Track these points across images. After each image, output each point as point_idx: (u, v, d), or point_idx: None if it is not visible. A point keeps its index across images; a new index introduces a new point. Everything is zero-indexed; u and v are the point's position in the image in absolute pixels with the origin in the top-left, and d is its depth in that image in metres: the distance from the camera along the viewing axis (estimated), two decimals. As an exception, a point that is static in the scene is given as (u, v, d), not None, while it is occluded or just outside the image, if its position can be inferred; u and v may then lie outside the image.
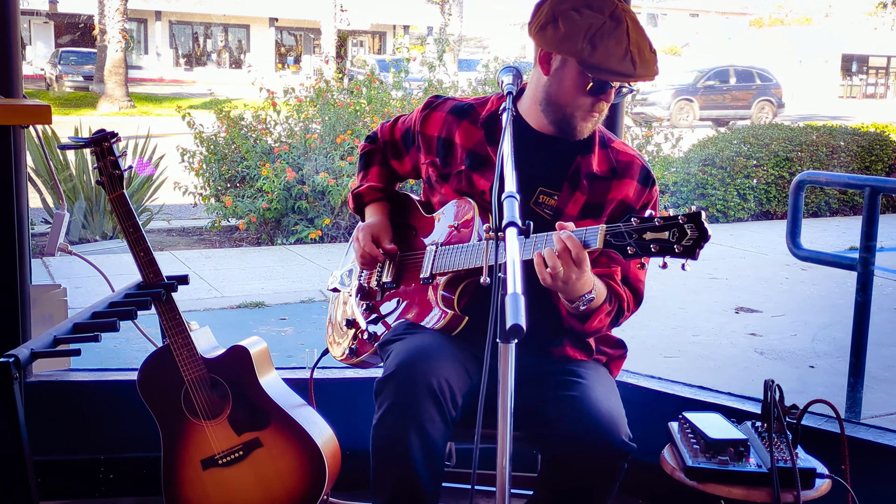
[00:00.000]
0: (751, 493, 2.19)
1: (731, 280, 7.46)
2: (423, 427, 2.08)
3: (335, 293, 2.66)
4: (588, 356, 2.35)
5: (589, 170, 2.28)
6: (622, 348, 2.46)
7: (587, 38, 2.09)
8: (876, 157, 11.39)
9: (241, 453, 2.54)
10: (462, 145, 2.38)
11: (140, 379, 2.54)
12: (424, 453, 2.09)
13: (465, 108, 2.43)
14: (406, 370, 2.11)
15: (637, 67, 2.09)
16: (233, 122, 9.12)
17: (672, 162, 10.22)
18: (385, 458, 2.13)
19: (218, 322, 5.73)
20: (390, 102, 9.27)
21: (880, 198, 3.38)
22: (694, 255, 1.79)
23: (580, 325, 2.21)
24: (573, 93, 2.17)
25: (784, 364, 5.24)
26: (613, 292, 2.23)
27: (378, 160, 2.63)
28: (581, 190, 2.27)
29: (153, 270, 2.48)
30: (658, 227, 1.81)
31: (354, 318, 2.49)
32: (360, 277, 2.55)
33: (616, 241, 1.87)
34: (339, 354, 2.53)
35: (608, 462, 2.07)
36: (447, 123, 2.42)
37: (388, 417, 2.10)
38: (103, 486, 3.05)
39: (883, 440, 2.71)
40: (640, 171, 2.32)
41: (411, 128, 2.52)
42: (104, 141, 2.49)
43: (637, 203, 2.30)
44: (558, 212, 2.27)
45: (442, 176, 2.41)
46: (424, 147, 2.46)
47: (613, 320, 2.25)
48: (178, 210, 9.88)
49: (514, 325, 1.48)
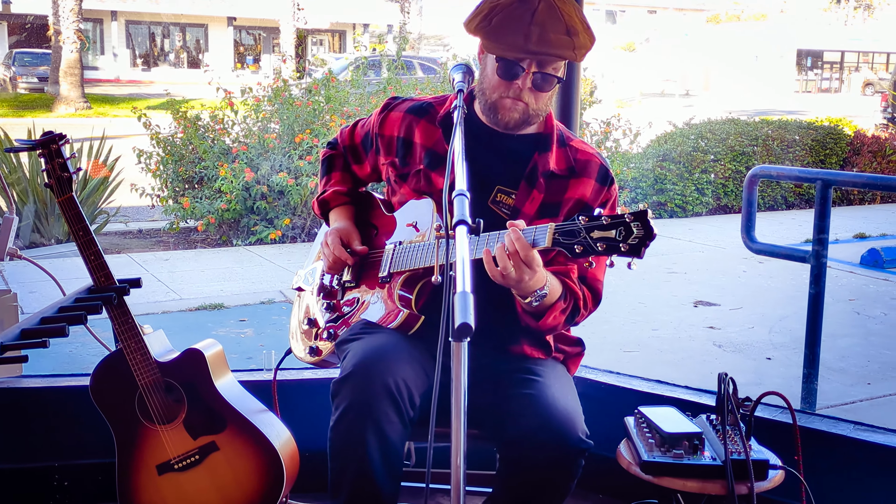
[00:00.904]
0: (705, 485, 2.21)
1: (689, 274, 7.54)
2: (381, 428, 2.07)
3: (300, 292, 2.65)
4: (546, 354, 2.35)
5: (546, 168, 2.28)
6: (580, 346, 2.47)
7: (489, 17, 2.17)
8: (830, 151, 11.56)
9: (197, 457, 2.51)
10: (422, 144, 2.38)
11: (92, 384, 2.50)
12: (382, 454, 2.09)
13: (423, 106, 2.43)
14: (363, 371, 2.10)
15: (531, 43, 2.10)
16: (190, 122, 9.02)
17: (630, 158, 10.30)
18: (342, 459, 2.12)
19: (176, 325, 5.70)
20: (349, 101, 9.24)
21: (832, 191, 3.43)
22: (639, 253, 1.79)
23: (534, 322, 2.21)
24: (491, 77, 2.22)
25: (742, 356, 5.30)
26: (568, 290, 2.23)
27: (339, 165, 2.62)
28: (538, 188, 2.27)
29: (104, 274, 2.44)
30: (605, 225, 1.81)
31: (315, 317, 2.49)
32: (323, 276, 2.54)
33: (565, 240, 1.86)
34: (301, 354, 2.52)
35: (565, 459, 2.07)
36: (406, 123, 2.42)
37: (345, 418, 2.09)
38: (58, 493, 3.00)
39: (836, 430, 2.76)
40: (599, 170, 2.31)
41: (370, 131, 2.52)
42: (52, 143, 2.45)
43: (595, 202, 2.29)
44: (516, 211, 2.27)
45: (401, 176, 2.40)
46: (384, 148, 2.46)
47: (569, 318, 2.25)
48: (136, 212, 9.76)
49: (463, 324, 1.48)
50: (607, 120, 10.54)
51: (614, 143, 10.49)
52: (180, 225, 8.83)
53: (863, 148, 11.86)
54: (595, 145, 10.25)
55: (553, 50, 2.13)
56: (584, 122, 10.36)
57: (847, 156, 11.75)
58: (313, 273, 2.61)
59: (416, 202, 2.35)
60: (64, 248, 8.00)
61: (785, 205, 11.09)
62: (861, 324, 6.05)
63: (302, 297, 2.64)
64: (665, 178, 10.21)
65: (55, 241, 8.35)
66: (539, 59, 2.14)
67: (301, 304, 2.63)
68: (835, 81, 46.40)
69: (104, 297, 2.39)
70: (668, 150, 10.44)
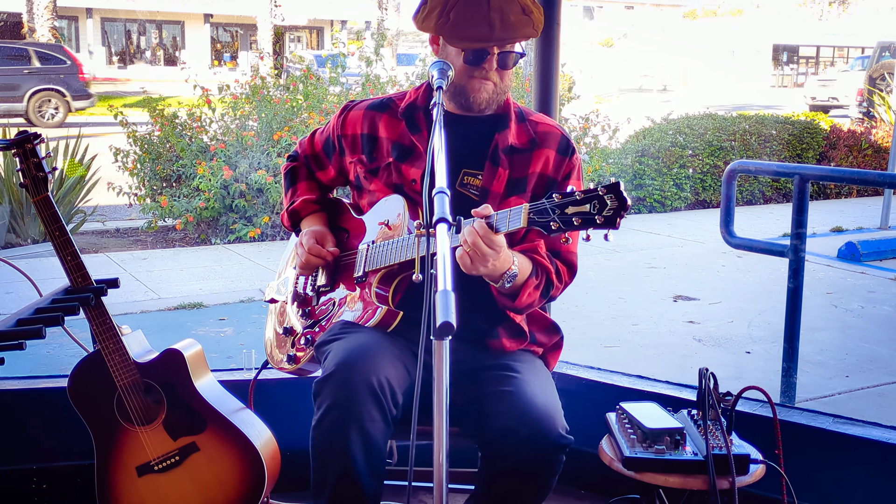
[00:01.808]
0: (687, 480, 2.22)
1: (668, 269, 7.57)
2: (364, 426, 2.07)
3: (272, 304, 2.64)
4: (523, 341, 2.36)
5: (506, 144, 2.32)
6: (557, 333, 2.47)
7: (445, 13, 2.23)
8: (806, 146, 11.64)
9: (177, 458, 2.49)
10: (388, 138, 2.40)
11: (70, 386, 2.48)
12: (365, 452, 2.09)
13: (383, 102, 2.46)
14: (345, 370, 2.09)
15: (496, 30, 2.20)
16: (167, 120, 8.95)
17: (609, 154, 10.32)
18: (325, 458, 2.12)
19: (155, 324, 5.66)
20: (327, 98, 9.20)
21: (809, 185, 3.45)
22: (615, 224, 1.81)
23: (511, 302, 2.23)
24: (457, 65, 2.27)
25: (721, 350, 5.33)
26: (538, 265, 2.26)
27: (304, 175, 2.63)
28: (502, 165, 2.31)
29: (81, 274, 2.42)
30: (579, 200, 1.83)
31: (292, 325, 2.48)
32: (297, 284, 2.53)
33: (539, 219, 1.87)
34: (278, 364, 2.51)
35: (545, 456, 2.08)
36: (368, 119, 2.44)
37: (328, 417, 2.08)
38: (36, 496, 2.97)
39: (815, 423, 2.78)
40: (560, 141, 2.36)
41: (330, 135, 2.53)
42: (27, 142, 2.42)
43: (558, 174, 2.34)
44: (484, 191, 2.30)
45: (371, 171, 2.41)
46: (349, 148, 2.47)
47: (544, 293, 2.28)
48: (113, 211, 9.68)
49: (445, 323, 1.47)
50: (586, 116, 10.55)
51: (593, 138, 10.51)
52: (158, 224, 8.77)
53: (839, 142, 11.95)
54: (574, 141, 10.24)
55: (517, 32, 2.23)
56: (562, 117, 10.37)
57: (824, 150, 11.84)
58: (286, 283, 2.60)
59: (386, 201, 2.36)
60: (40, 248, 7.93)
61: (763, 199, 11.16)
62: (839, 317, 6.10)
63: (275, 309, 2.63)
64: (644, 173, 10.24)
65: (31, 241, 8.27)
66: (504, 42, 2.23)
67: (275, 315, 2.62)
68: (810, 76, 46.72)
69: (81, 299, 2.36)
70: (646, 145, 10.48)
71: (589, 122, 10.52)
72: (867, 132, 12.53)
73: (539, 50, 3.09)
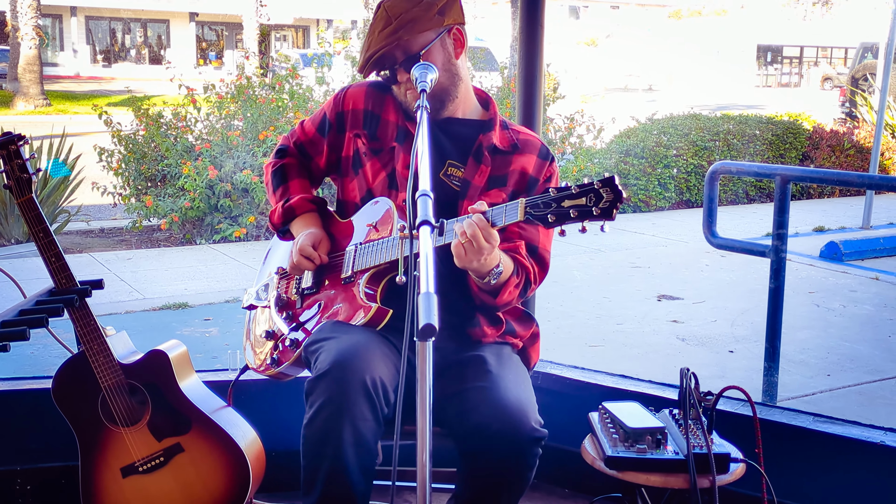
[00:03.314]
0: (668, 479, 2.24)
1: (653, 268, 7.60)
2: (356, 425, 2.08)
3: (251, 310, 2.64)
4: (500, 328, 2.40)
5: (490, 143, 2.39)
6: (531, 322, 2.51)
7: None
8: (789, 146, 11.71)
9: (161, 459, 2.50)
10: (394, 122, 2.44)
11: (54, 387, 2.48)
12: (356, 451, 2.10)
13: (382, 83, 2.47)
14: (340, 368, 2.10)
15: (371, 47, 2.34)
16: (152, 119, 8.93)
17: (594, 153, 10.36)
18: (316, 456, 2.12)
19: (140, 324, 5.65)
20: (313, 98, 9.19)
21: (790, 186, 3.48)
22: (611, 215, 1.86)
23: (491, 299, 2.28)
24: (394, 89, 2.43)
25: (705, 349, 5.36)
26: (520, 265, 2.31)
27: (295, 172, 2.60)
28: (485, 163, 2.38)
29: (65, 276, 2.42)
30: (575, 194, 1.89)
31: (274, 329, 2.48)
32: (279, 287, 2.53)
33: (536, 213, 1.92)
34: (259, 367, 2.50)
35: (519, 450, 2.11)
36: (371, 96, 2.47)
37: (320, 416, 2.09)
38: (20, 497, 2.97)
39: (795, 422, 2.81)
40: (540, 148, 2.44)
41: (327, 114, 2.53)
42: (11, 143, 2.42)
43: (539, 174, 2.41)
44: (466, 182, 2.36)
45: (372, 150, 2.43)
46: (349, 123, 2.48)
47: (522, 292, 2.33)
48: (98, 211, 9.65)
49: (427, 325, 1.49)
50: (571, 116, 10.59)
51: (578, 138, 10.55)
52: (143, 223, 8.74)
53: (821, 142, 12.03)
54: (559, 141, 10.30)
55: (383, 42, 2.31)
56: (547, 117, 10.40)
57: (806, 150, 11.92)
58: (266, 288, 2.60)
59: (374, 203, 2.39)
60: (24, 248, 7.89)
61: (746, 199, 11.22)
62: (821, 316, 6.14)
63: (255, 315, 2.62)
64: (628, 173, 10.28)
65: (15, 241, 8.23)
66: (384, 57, 2.32)
67: (255, 321, 2.61)
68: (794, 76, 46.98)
69: (65, 300, 2.37)
70: (630, 145, 10.52)
71: (574, 121, 10.56)
72: (849, 132, 12.62)
73: (523, 50, 3.10)
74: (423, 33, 2.31)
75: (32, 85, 23.39)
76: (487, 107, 2.47)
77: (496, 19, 32.62)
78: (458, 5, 2.39)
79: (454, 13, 2.37)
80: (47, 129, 9.14)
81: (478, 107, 2.48)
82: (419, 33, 2.31)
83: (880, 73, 10.17)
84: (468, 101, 2.45)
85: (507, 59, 14.25)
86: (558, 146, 10.17)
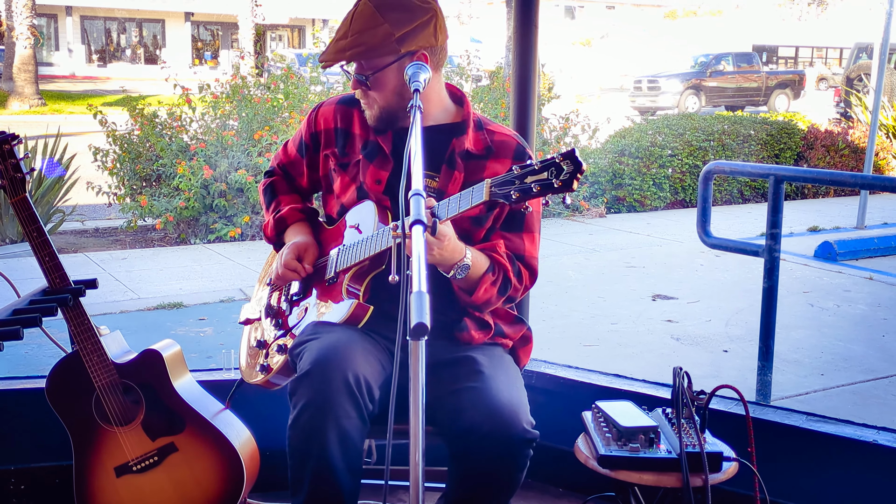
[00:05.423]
0: (661, 478, 2.25)
1: (647, 268, 7.61)
2: (340, 423, 2.09)
3: (247, 325, 2.65)
4: (489, 332, 2.39)
5: (463, 148, 2.36)
6: (522, 325, 2.50)
7: None
8: (784, 146, 11.73)
9: (155, 459, 2.50)
10: (360, 135, 2.44)
11: (48, 387, 2.49)
12: (342, 450, 2.10)
13: (352, 97, 2.48)
14: (321, 367, 2.11)
15: (325, 53, 2.33)
16: (147, 119, 8.92)
17: (589, 153, 10.37)
18: (302, 456, 2.13)
19: (135, 324, 5.64)
20: (308, 97, 9.19)
21: (784, 186, 3.49)
22: (571, 187, 1.87)
23: (468, 297, 2.28)
24: None
25: (699, 349, 5.37)
26: (496, 262, 2.30)
27: (284, 188, 2.64)
28: (458, 169, 2.35)
29: (59, 275, 2.42)
30: (537, 170, 1.90)
31: (264, 338, 2.49)
32: (270, 298, 2.55)
33: (500, 190, 1.94)
34: (251, 378, 2.51)
35: (510, 451, 2.11)
36: (341, 112, 2.48)
37: (304, 416, 2.10)
38: (14, 497, 2.97)
39: (789, 421, 2.81)
40: (516, 149, 2.41)
41: (303, 137, 2.56)
42: (5, 143, 2.42)
43: None
44: (440, 192, 2.34)
45: (341, 165, 2.45)
46: (323, 142, 2.50)
47: (502, 289, 2.32)
48: (92, 210, 9.64)
49: (419, 324, 1.49)
50: (566, 115, 10.60)
51: (573, 138, 10.55)
52: (138, 223, 8.74)
53: (816, 142, 12.05)
54: (554, 141, 10.30)
55: (334, 56, 2.31)
56: (542, 117, 10.41)
57: (801, 150, 11.93)
58: (259, 302, 2.62)
59: (358, 208, 2.40)
60: (18, 248, 7.88)
61: (741, 198, 11.24)
62: (815, 316, 6.15)
63: (250, 329, 2.64)
64: (623, 173, 10.29)
65: (9, 240, 8.22)
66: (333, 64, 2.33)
67: (249, 334, 2.63)
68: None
69: (59, 300, 2.37)
70: (625, 145, 10.53)
71: (569, 121, 10.57)
72: (844, 133, 12.64)
73: (517, 50, 3.11)
74: (375, 59, 2.28)
75: (27, 85, 23.34)
76: (462, 103, 2.44)
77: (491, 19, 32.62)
78: (426, 32, 2.28)
79: (420, 40, 2.26)
80: (42, 129, 9.15)
81: (450, 107, 2.44)
82: (370, 59, 2.28)
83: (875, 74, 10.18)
84: (441, 105, 2.42)
85: (502, 59, 14.25)
86: (553, 146, 10.18)
